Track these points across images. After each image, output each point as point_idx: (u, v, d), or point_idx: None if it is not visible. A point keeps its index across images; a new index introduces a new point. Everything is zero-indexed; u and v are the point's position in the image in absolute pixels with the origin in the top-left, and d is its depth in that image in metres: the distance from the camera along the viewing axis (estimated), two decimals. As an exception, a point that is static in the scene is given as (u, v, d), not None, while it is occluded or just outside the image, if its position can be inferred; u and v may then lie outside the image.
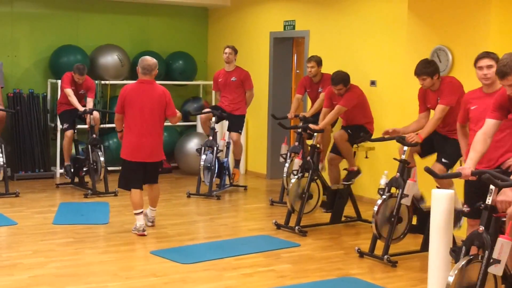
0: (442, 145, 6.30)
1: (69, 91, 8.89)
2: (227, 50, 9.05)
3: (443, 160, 6.20)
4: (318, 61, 8.33)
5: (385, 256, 5.97)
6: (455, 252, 4.39)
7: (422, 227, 6.22)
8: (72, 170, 9.18)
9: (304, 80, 8.64)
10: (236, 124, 9.08)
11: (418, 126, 6.37)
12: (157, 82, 10.68)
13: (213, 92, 9.49)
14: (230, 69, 9.06)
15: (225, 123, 9.36)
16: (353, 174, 7.75)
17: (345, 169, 7.86)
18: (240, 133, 9.15)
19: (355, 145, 7.48)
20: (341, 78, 7.44)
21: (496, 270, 4.11)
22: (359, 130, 7.39)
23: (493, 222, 4.25)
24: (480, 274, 4.16)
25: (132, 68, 10.71)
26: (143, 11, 11.07)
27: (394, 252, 6.12)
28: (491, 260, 4.11)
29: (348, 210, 7.58)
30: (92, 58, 10.26)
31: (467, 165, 4.45)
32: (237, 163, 9.32)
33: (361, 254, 6.21)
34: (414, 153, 6.50)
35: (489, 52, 4.99)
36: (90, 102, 9.06)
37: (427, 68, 6.11)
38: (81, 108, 8.85)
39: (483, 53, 4.99)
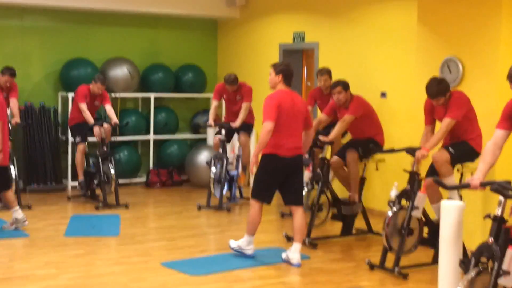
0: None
1: (84, 107, 8.93)
2: (230, 88, 8.87)
3: (450, 149, 6.17)
4: (330, 73, 8.35)
5: (396, 269, 5.96)
6: (464, 263, 4.39)
7: (434, 239, 6.19)
8: (86, 184, 9.23)
9: (314, 91, 8.63)
10: (245, 127, 9.09)
11: (426, 141, 6.38)
12: (166, 95, 10.95)
13: (214, 102, 9.12)
14: (234, 89, 9.01)
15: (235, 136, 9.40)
16: (352, 203, 7.40)
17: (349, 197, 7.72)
18: (249, 136, 9.16)
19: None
20: (339, 82, 7.39)
21: (506, 281, 4.11)
22: (368, 144, 7.25)
23: (503, 233, 4.24)
24: (490, 285, 4.15)
25: (142, 80, 10.82)
26: (152, 24, 11.15)
27: (405, 264, 6.10)
28: (501, 272, 4.10)
29: (360, 223, 7.57)
30: (102, 71, 10.31)
31: (476, 176, 4.45)
32: (244, 168, 9.33)
33: (372, 266, 6.19)
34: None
35: None
36: (110, 110, 9.11)
37: (440, 89, 6.08)
38: (91, 122, 8.90)
39: None
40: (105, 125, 8.95)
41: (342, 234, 7.41)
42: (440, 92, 6.10)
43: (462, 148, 6.18)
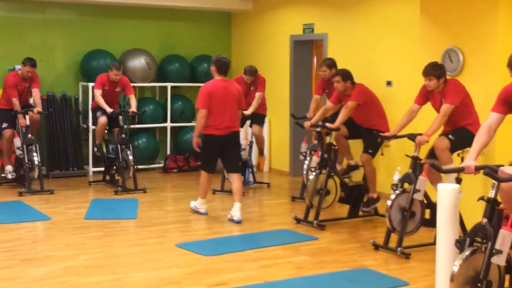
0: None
1: (98, 93, 9.15)
2: (249, 79, 9.10)
3: (450, 136, 6.37)
4: (329, 64, 8.44)
5: (399, 249, 6.14)
6: (460, 243, 4.52)
7: (435, 221, 6.38)
8: (103, 149, 9.54)
9: (321, 81, 8.73)
10: (257, 118, 9.29)
11: (408, 119, 6.65)
12: (182, 84, 11.20)
13: None
14: (251, 80, 9.19)
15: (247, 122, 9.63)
16: (372, 201, 7.73)
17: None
18: (262, 127, 9.36)
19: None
20: (339, 71, 7.60)
21: (499, 260, 4.26)
22: (374, 140, 7.36)
23: (496, 214, 4.37)
24: (484, 264, 4.31)
25: (159, 71, 11.10)
26: (169, 17, 11.37)
27: (408, 244, 6.30)
28: (494, 251, 4.25)
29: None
30: (121, 62, 10.54)
31: (469, 155, 4.58)
32: (261, 152, 9.55)
33: (376, 246, 6.39)
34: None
35: None
36: (132, 99, 9.32)
37: (435, 70, 6.31)
38: (109, 110, 9.13)
39: None
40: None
41: (349, 217, 7.62)
42: (434, 73, 6.29)
43: (462, 134, 6.36)
